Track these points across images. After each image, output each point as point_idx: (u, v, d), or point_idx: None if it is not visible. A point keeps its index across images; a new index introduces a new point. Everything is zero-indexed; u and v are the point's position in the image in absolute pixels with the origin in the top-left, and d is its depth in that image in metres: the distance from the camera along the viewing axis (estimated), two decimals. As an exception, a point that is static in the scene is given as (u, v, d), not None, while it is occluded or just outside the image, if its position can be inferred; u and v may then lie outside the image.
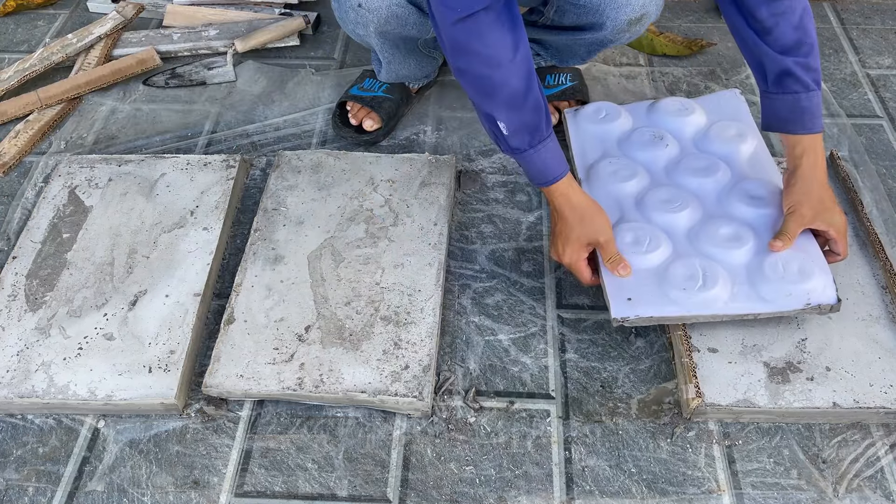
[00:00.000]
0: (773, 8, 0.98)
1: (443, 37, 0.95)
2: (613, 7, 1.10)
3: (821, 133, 1.04)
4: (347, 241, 1.14)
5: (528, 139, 0.99)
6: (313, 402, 0.98)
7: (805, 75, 1.01)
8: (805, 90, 1.02)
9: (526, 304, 1.10)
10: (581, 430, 0.97)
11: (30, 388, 0.97)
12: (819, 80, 1.03)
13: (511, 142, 0.99)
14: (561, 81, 1.37)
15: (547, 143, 1.00)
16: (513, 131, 0.98)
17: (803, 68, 1.01)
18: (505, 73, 0.94)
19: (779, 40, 1.00)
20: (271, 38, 1.56)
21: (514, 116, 0.97)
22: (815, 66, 1.02)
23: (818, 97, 1.03)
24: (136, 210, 1.20)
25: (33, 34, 1.67)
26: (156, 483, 0.92)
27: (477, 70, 0.95)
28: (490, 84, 0.95)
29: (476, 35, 0.92)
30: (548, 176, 1.02)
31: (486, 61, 0.93)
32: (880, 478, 0.91)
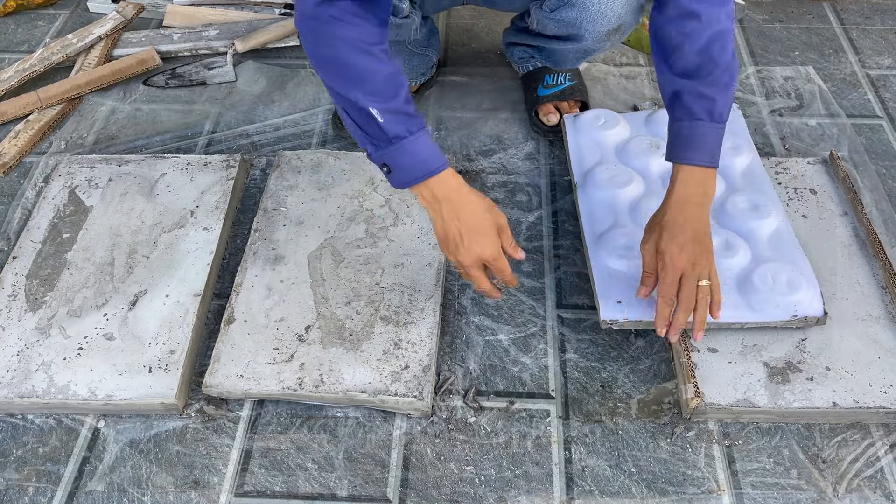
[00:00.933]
0: (681, 27, 0.93)
1: (306, 21, 0.89)
2: (590, 20, 1.11)
3: (700, 168, 0.96)
4: (347, 241, 1.14)
5: (406, 125, 0.89)
6: (313, 402, 0.98)
7: (694, 103, 0.95)
8: (689, 119, 0.95)
9: (526, 304, 1.10)
10: (581, 430, 0.97)
11: (30, 388, 0.97)
12: (714, 111, 0.94)
13: (389, 129, 0.89)
14: (560, 81, 1.37)
15: (425, 130, 0.91)
16: (389, 118, 0.88)
17: (694, 95, 0.94)
18: (374, 60, 0.88)
19: (679, 61, 0.95)
20: (271, 38, 1.56)
21: (389, 103, 0.88)
22: (712, 96, 0.94)
23: (705, 128, 0.95)
24: (136, 210, 1.20)
25: (33, 34, 1.67)
26: (156, 483, 0.92)
27: (344, 56, 0.88)
28: (359, 70, 0.88)
29: (339, 19, 0.87)
30: (432, 165, 0.91)
31: (354, 45, 0.87)
32: (880, 478, 0.91)
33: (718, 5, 0.93)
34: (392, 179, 0.93)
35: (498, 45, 1.56)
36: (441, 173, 0.91)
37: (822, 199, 1.20)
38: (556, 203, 1.25)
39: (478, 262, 0.94)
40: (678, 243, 0.93)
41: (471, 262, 0.94)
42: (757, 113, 1.41)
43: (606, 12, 1.10)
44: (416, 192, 0.94)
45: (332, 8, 0.87)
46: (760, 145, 1.33)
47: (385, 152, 0.91)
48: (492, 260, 0.94)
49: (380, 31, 0.91)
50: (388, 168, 0.92)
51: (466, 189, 0.94)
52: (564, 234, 1.20)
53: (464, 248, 0.93)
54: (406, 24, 1.17)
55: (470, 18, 1.67)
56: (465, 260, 0.93)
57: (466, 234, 0.92)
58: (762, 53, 1.56)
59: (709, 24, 0.92)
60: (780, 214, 1.11)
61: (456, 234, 0.93)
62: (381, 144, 0.90)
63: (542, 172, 1.30)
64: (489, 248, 0.93)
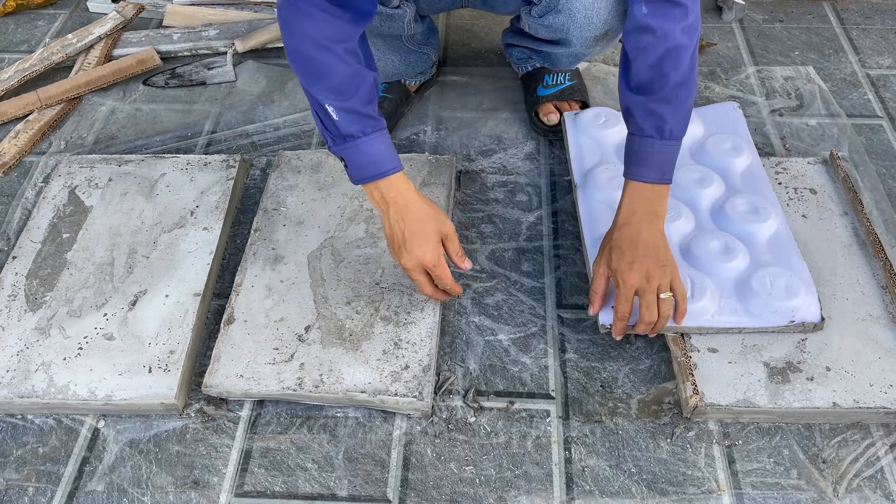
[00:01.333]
0: (636, 41, 0.93)
1: (280, 11, 0.91)
2: (577, 26, 1.12)
3: (649, 185, 0.95)
4: (347, 241, 1.14)
5: (360, 126, 0.92)
6: (313, 402, 0.98)
7: (643, 119, 0.94)
8: (639, 134, 0.95)
9: (526, 304, 1.10)
10: (581, 430, 0.97)
11: (30, 388, 0.97)
12: (664, 129, 0.94)
13: (343, 127, 0.91)
14: (559, 81, 1.37)
15: (383, 133, 0.94)
16: (344, 117, 0.91)
17: (644, 111, 0.94)
18: (333, 58, 0.90)
19: (634, 76, 0.95)
20: (271, 38, 1.56)
21: (344, 102, 0.91)
22: (661, 114, 0.93)
23: (654, 146, 0.94)
24: (136, 210, 1.20)
25: (33, 34, 1.67)
26: (156, 483, 0.92)
27: (307, 51, 0.90)
28: (318, 67, 0.90)
29: (307, 14, 0.88)
30: (383, 167, 0.94)
31: (314, 41, 0.89)
32: (880, 478, 0.91)
33: (674, 21, 0.91)
34: (348, 174, 0.97)
35: (498, 45, 1.56)
36: (391, 176, 0.94)
37: (822, 199, 1.20)
38: (556, 203, 1.25)
39: (418, 267, 0.97)
40: (627, 261, 0.94)
41: (412, 266, 0.97)
42: (757, 113, 1.41)
43: (593, 18, 1.10)
44: (366, 190, 0.97)
45: (303, 2, 0.88)
46: (760, 145, 1.33)
47: (340, 148, 0.94)
48: (431, 266, 0.97)
49: (351, 27, 0.92)
50: (344, 162, 0.96)
51: (414, 195, 0.96)
52: (564, 234, 1.20)
53: (406, 252, 0.96)
54: (398, 16, 1.16)
55: (470, 18, 1.67)
56: (406, 263, 0.97)
57: (409, 238, 0.95)
58: (762, 53, 1.56)
59: (663, 40, 0.91)
60: (780, 217, 1.11)
61: (399, 237, 0.96)
62: (336, 140, 0.94)
63: (542, 172, 1.30)
64: (429, 254, 0.95)
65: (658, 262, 0.94)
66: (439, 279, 0.99)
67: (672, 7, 0.91)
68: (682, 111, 0.95)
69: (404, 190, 0.96)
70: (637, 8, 0.92)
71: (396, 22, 1.18)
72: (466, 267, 1.01)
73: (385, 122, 0.96)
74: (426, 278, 0.99)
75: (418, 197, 0.97)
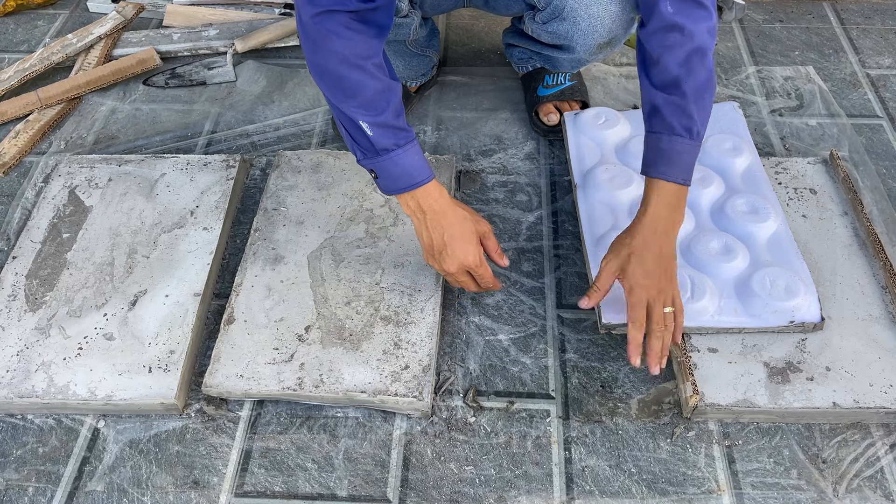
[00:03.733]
0: (663, 39, 0.92)
1: (304, 29, 0.91)
2: (580, 34, 1.12)
3: (675, 185, 0.94)
4: (347, 241, 1.14)
5: (394, 139, 0.93)
6: (313, 402, 0.98)
7: (672, 116, 0.93)
8: (668, 133, 0.94)
9: (526, 304, 1.10)
10: (581, 430, 0.97)
11: (30, 388, 0.97)
12: (692, 128, 0.93)
13: (377, 142, 0.92)
14: (559, 81, 1.37)
15: (414, 144, 0.95)
16: (377, 132, 0.92)
17: (673, 109, 0.93)
18: (366, 75, 0.91)
19: (660, 74, 0.94)
20: (271, 38, 1.56)
21: (377, 117, 0.92)
22: (691, 113, 0.93)
23: (683, 145, 0.93)
24: (136, 210, 1.20)
25: (33, 34, 1.67)
26: (156, 483, 0.92)
27: (335, 69, 0.90)
28: (350, 84, 0.91)
29: (335, 33, 0.89)
30: (418, 177, 0.95)
31: (345, 60, 0.90)
32: (880, 478, 0.91)
33: (699, 21, 0.92)
34: (378, 185, 0.97)
35: (498, 45, 1.56)
36: (426, 185, 0.95)
37: (822, 199, 1.20)
38: (556, 203, 1.25)
39: (461, 269, 0.99)
40: (645, 270, 0.93)
41: (455, 269, 0.98)
42: (757, 113, 1.41)
43: (597, 27, 1.10)
44: (401, 200, 0.97)
45: (328, 21, 0.88)
46: (760, 145, 1.33)
47: (372, 161, 0.94)
48: (474, 267, 0.99)
49: (376, 42, 0.92)
50: (375, 174, 0.96)
51: (449, 200, 0.98)
52: (564, 234, 1.20)
53: (447, 257, 0.97)
54: (405, 24, 1.17)
55: (470, 18, 1.67)
56: (449, 268, 0.98)
57: (450, 242, 0.97)
58: (762, 53, 1.56)
59: (690, 38, 0.91)
60: (780, 217, 1.11)
61: (439, 243, 0.97)
62: (368, 154, 0.94)
63: (542, 172, 1.30)
64: (471, 255, 0.98)
65: (668, 276, 0.94)
66: (482, 278, 1.01)
67: (697, 7, 0.92)
68: (706, 113, 0.95)
69: (439, 196, 0.97)
70: (663, 6, 0.92)
71: (403, 29, 1.18)
72: (505, 263, 1.04)
73: (414, 131, 0.96)
74: (469, 279, 1.01)
75: (452, 201, 0.98)
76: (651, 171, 0.96)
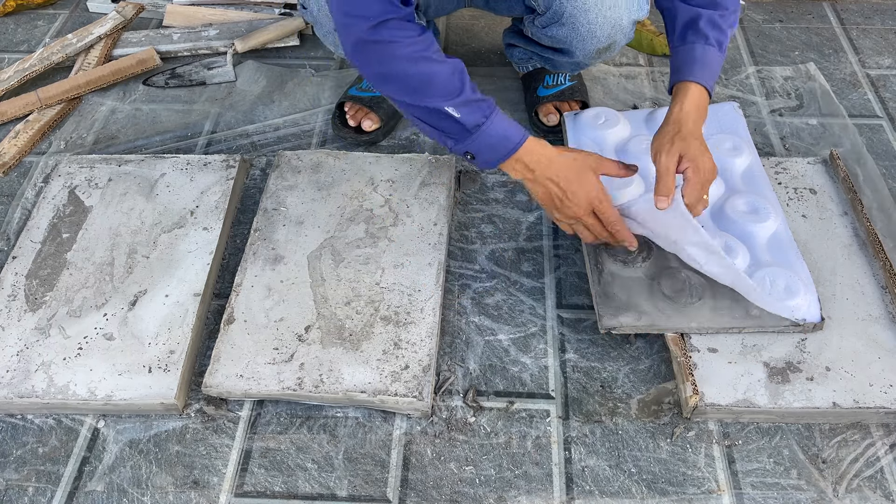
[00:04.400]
0: None
1: (359, 45, 0.93)
2: (579, 39, 1.12)
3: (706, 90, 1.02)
4: (347, 241, 1.14)
5: (481, 111, 0.94)
6: (313, 402, 0.98)
7: (707, 29, 1.01)
8: (703, 42, 1.01)
9: (526, 304, 1.10)
10: (581, 430, 0.97)
11: (30, 388, 0.97)
12: (722, 42, 1.02)
13: (467, 121, 0.93)
14: (560, 81, 1.37)
15: (499, 111, 0.96)
16: (464, 111, 0.93)
17: (709, 22, 1.01)
18: (434, 63, 0.93)
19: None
20: (271, 38, 1.56)
21: (459, 97, 0.93)
22: (723, 28, 1.02)
23: (713, 55, 1.02)
24: (136, 210, 1.20)
25: (33, 34, 1.67)
26: (156, 483, 0.92)
27: (402, 70, 0.93)
28: (420, 79, 0.93)
29: (392, 39, 0.91)
30: (515, 139, 0.96)
31: (409, 58, 0.92)
32: (880, 478, 0.91)
33: None
34: (477, 163, 0.98)
35: (498, 45, 1.56)
36: (525, 143, 0.96)
37: (822, 199, 1.20)
38: (556, 203, 1.25)
39: (588, 210, 0.99)
40: (702, 150, 0.98)
41: (582, 211, 0.98)
42: (757, 113, 1.41)
43: (596, 32, 1.10)
44: (505, 168, 0.98)
45: (383, 30, 0.91)
46: (760, 145, 1.33)
47: (468, 142, 0.95)
48: (599, 200, 0.98)
49: (427, 35, 0.94)
50: (470, 155, 0.97)
51: (553, 149, 0.98)
52: (564, 234, 1.20)
53: (569, 201, 0.97)
54: None
55: (470, 18, 1.67)
56: (576, 212, 0.98)
57: (567, 186, 0.97)
58: (762, 53, 1.56)
59: None
60: (780, 217, 1.11)
61: (557, 191, 0.97)
62: (460, 137, 0.95)
63: (542, 172, 1.30)
64: (592, 189, 0.97)
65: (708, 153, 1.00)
66: (604, 213, 0.99)
67: None
68: (731, 31, 1.04)
69: (542, 148, 0.97)
70: None
71: None
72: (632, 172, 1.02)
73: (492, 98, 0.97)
74: (597, 221, 1.00)
75: (557, 149, 0.99)
76: (684, 76, 1.02)
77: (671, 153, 0.97)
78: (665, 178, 0.97)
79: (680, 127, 0.99)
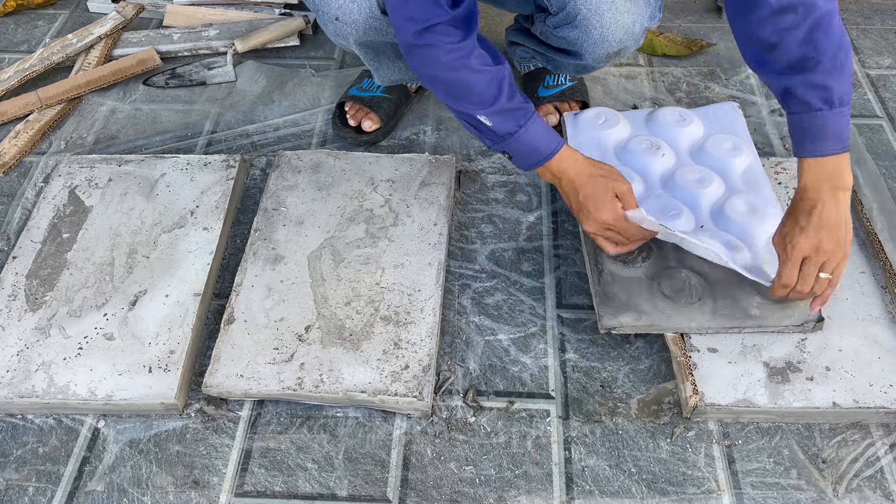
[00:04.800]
0: (776, 24, 0.90)
1: (408, 49, 0.97)
2: (591, 42, 1.11)
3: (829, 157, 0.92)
4: (347, 241, 1.14)
5: (513, 122, 0.98)
6: (313, 402, 0.98)
7: (807, 94, 0.91)
8: (807, 111, 0.92)
9: (526, 304, 1.10)
10: (581, 430, 0.97)
11: (30, 388, 0.97)
12: (831, 98, 0.91)
13: (499, 129, 0.98)
14: (560, 82, 1.37)
15: (536, 119, 0.99)
16: (496, 120, 0.97)
17: (806, 87, 0.91)
18: (472, 72, 0.95)
19: (781, 58, 0.92)
20: (271, 38, 1.56)
21: (492, 107, 0.97)
22: (823, 83, 0.90)
23: (825, 118, 0.92)
24: (136, 210, 1.20)
25: (33, 34, 1.67)
26: (156, 483, 0.92)
27: (444, 76, 0.96)
28: (459, 86, 0.96)
29: (435, 45, 0.94)
30: (545, 150, 0.99)
31: (449, 66, 0.95)
32: (880, 478, 0.91)
33: None
34: (514, 163, 1.03)
35: (499, 44, 1.56)
36: (557, 153, 0.99)
37: (822, 199, 1.20)
38: (556, 203, 1.25)
39: (601, 228, 1.01)
40: (800, 227, 0.93)
41: (594, 229, 1.01)
42: (757, 113, 1.41)
43: (608, 36, 1.09)
44: (538, 172, 1.03)
45: (428, 35, 0.93)
46: (760, 145, 1.33)
47: (502, 146, 1.00)
48: (612, 223, 1.00)
49: (470, 40, 0.96)
50: (508, 155, 1.02)
51: (583, 163, 1.01)
52: (564, 234, 1.20)
53: (584, 217, 1.01)
54: None
55: (470, 18, 1.67)
56: (590, 228, 1.02)
57: (584, 202, 1.00)
58: (762, 53, 1.56)
59: (807, 13, 0.88)
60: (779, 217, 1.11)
61: (577, 204, 1.01)
62: (496, 140, 1.00)
63: (542, 172, 1.30)
64: (605, 213, 0.99)
65: (833, 237, 0.92)
66: (625, 231, 1.01)
67: None
68: (845, 76, 0.92)
69: (572, 161, 1.00)
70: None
71: None
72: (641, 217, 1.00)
73: (532, 103, 1.00)
74: (613, 235, 1.02)
75: (587, 164, 1.01)
76: (802, 152, 0.95)
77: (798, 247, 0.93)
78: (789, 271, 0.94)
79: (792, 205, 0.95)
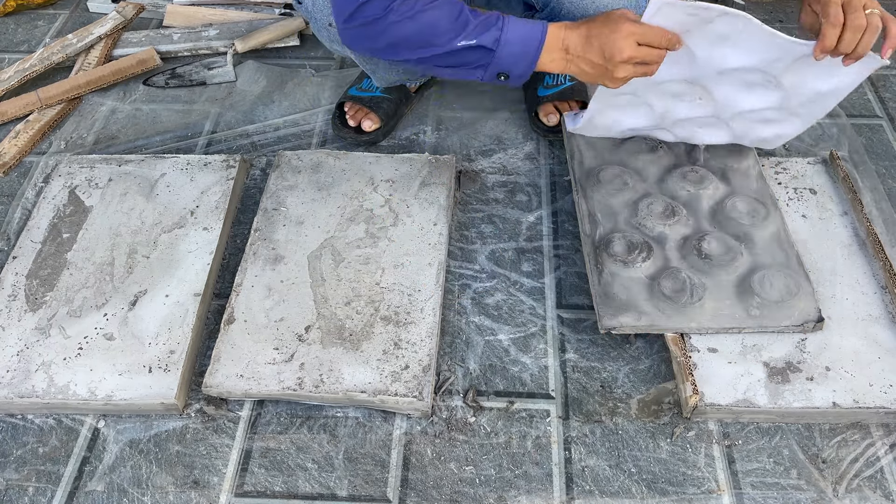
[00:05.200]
0: None
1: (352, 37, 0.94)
2: None
3: None
4: (347, 241, 1.14)
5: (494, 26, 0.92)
6: (313, 402, 0.98)
7: None
8: None
9: (526, 304, 1.10)
10: (581, 430, 0.97)
11: (30, 388, 0.97)
12: None
13: (485, 41, 0.92)
14: (560, 81, 1.37)
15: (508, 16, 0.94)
16: (478, 33, 0.92)
17: None
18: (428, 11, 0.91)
19: None
20: (271, 38, 1.56)
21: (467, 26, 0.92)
22: None
23: None
24: (136, 210, 1.20)
25: (33, 34, 1.67)
26: (156, 483, 0.92)
27: (402, 33, 0.92)
28: (426, 29, 0.92)
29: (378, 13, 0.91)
30: (536, 37, 0.94)
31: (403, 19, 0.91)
32: (880, 478, 0.91)
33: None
34: (513, 81, 0.97)
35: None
36: (547, 38, 0.94)
37: (822, 199, 1.20)
38: (556, 203, 1.25)
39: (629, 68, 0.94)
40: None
41: (625, 73, 0.94)
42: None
43: None
44: (543, 67, 0.96)
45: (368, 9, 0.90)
46: (760, 145, 1.33)
47: (496, 62, 0.94)
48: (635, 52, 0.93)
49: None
50: (504, 75, 0.96)
51: (574, 26, 0.95)
52: (564, 234, 1.20)
53: (612, 66, 0.93)
54: None
55: (470, 18, 1.67)
56: (621, 72, 0.94)
57: (600, 54, 0.93)
58: (762, 53, 1.56)
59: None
60: (778, 218, 1.11)
61: (599, 58, 0.94)
62: (487, 61, 0.94)
63: (542, 172, 1.30)
64: (626, 48, 0.92)
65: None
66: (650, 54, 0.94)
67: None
68: None
69: (566, 29, 0.94)
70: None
71: None
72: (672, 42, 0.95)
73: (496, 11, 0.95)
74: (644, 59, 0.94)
75: (578, 24, 0.95)
76: None
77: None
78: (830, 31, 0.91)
79: None
